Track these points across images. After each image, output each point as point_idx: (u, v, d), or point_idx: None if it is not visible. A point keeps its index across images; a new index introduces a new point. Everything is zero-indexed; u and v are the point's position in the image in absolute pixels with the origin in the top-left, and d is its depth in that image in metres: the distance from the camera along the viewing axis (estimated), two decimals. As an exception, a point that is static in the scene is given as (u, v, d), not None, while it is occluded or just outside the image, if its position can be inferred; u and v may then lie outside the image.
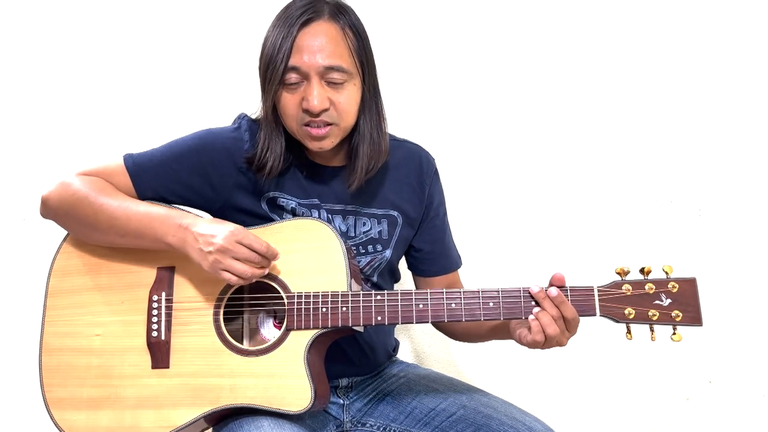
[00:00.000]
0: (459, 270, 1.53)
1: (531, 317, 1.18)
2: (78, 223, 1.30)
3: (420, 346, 1.92)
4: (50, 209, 1.32)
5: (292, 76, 1.25)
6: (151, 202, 1.31)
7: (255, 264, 1.20)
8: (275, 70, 1.23)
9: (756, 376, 1.83)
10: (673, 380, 1.85)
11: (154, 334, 1.27)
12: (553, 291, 1.17)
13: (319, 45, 1.24)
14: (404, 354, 1.91)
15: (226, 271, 1.19)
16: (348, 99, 1.27)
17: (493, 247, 1.90)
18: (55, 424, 1.29)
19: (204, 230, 1.20)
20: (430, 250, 1.47)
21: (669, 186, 1.87)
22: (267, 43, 1.27)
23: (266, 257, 1.21)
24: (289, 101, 1.26)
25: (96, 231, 1.29)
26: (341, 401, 1.42)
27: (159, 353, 1.27)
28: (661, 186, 1.87)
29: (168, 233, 1.24)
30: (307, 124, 1.27)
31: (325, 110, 1.25)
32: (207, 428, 1.32)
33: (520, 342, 1.23)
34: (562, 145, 1.90)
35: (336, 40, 1.25)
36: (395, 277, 1.49)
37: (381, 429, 1.39)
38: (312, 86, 1.24)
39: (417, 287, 1.51)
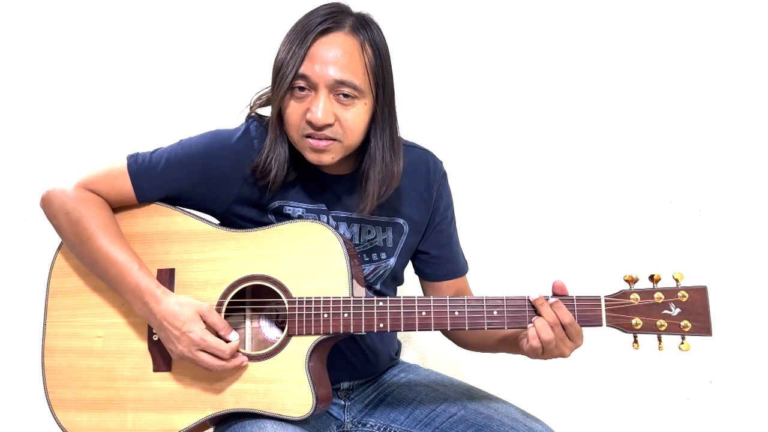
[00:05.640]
0: (467, 275, 1.50)
1: (530, 324, 1.18)
2: (65, 240, 1.31)
3: (421, 348, 1.92)
4: (46, 213, 1.32)
5: (301, 84, 1.21)
6: (133, 254, 1.26)
7: (219, 362, 1.20)
8: (285, 75, 1.20)
9: (756, 376, 1.83)
10: (673, 380, 1.85)
11: (155, 337, 1.27)
12: (551, 300, 1.17)
13: (333, 57, 1.20)
14: (405, 355, 1.91)
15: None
16: (355, 117, 1.23)
17: (494, 249, 1.89)
18: (59, 425, 1.29)
19: (168, 322, 1.20)
20: (438, 255, 1.43)
21: (669, 186, 1.86)
22: (281, 48, 1.23)
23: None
24: (294, 109, 1.23)
25: (79, 256, 1.30)
26: (342, 402, 1.41)
27: (160, 356, 1.26)
28: (661, 186, 1.86)
29: (134, 305, 1.25)
30: (308, 136, 1.23)
31: (329, 125, 1.21)
32: (209, 428, 1.33)
33: (522, 351, 1.23)
34: (564, 146, 1.89)
35: (352, 55, 1.21)
36: (398, 281, 1.48)
37: (382, 429, 1.38)
38: (318, 98, 1.20)
39: (423, 292, 1.50)
